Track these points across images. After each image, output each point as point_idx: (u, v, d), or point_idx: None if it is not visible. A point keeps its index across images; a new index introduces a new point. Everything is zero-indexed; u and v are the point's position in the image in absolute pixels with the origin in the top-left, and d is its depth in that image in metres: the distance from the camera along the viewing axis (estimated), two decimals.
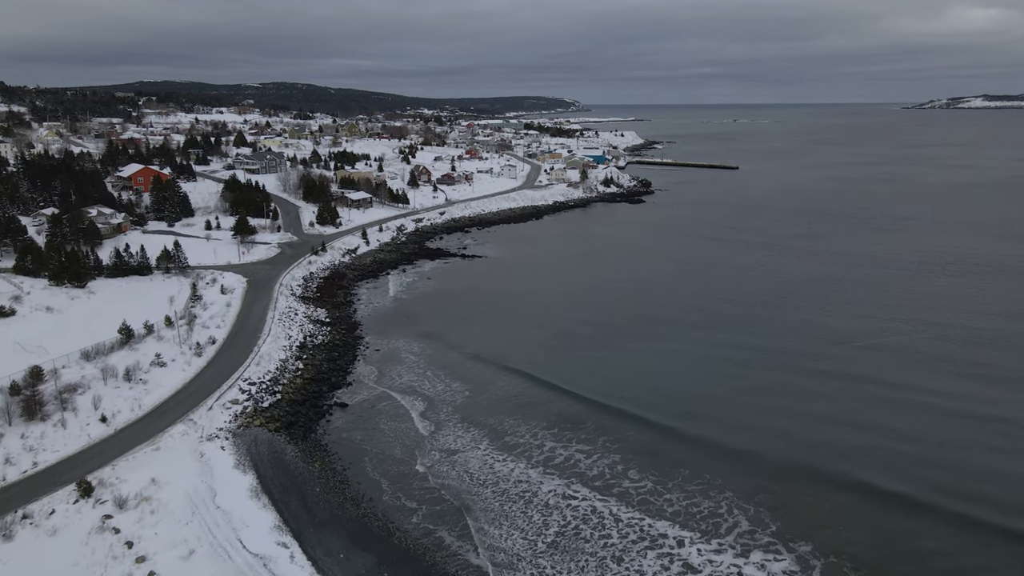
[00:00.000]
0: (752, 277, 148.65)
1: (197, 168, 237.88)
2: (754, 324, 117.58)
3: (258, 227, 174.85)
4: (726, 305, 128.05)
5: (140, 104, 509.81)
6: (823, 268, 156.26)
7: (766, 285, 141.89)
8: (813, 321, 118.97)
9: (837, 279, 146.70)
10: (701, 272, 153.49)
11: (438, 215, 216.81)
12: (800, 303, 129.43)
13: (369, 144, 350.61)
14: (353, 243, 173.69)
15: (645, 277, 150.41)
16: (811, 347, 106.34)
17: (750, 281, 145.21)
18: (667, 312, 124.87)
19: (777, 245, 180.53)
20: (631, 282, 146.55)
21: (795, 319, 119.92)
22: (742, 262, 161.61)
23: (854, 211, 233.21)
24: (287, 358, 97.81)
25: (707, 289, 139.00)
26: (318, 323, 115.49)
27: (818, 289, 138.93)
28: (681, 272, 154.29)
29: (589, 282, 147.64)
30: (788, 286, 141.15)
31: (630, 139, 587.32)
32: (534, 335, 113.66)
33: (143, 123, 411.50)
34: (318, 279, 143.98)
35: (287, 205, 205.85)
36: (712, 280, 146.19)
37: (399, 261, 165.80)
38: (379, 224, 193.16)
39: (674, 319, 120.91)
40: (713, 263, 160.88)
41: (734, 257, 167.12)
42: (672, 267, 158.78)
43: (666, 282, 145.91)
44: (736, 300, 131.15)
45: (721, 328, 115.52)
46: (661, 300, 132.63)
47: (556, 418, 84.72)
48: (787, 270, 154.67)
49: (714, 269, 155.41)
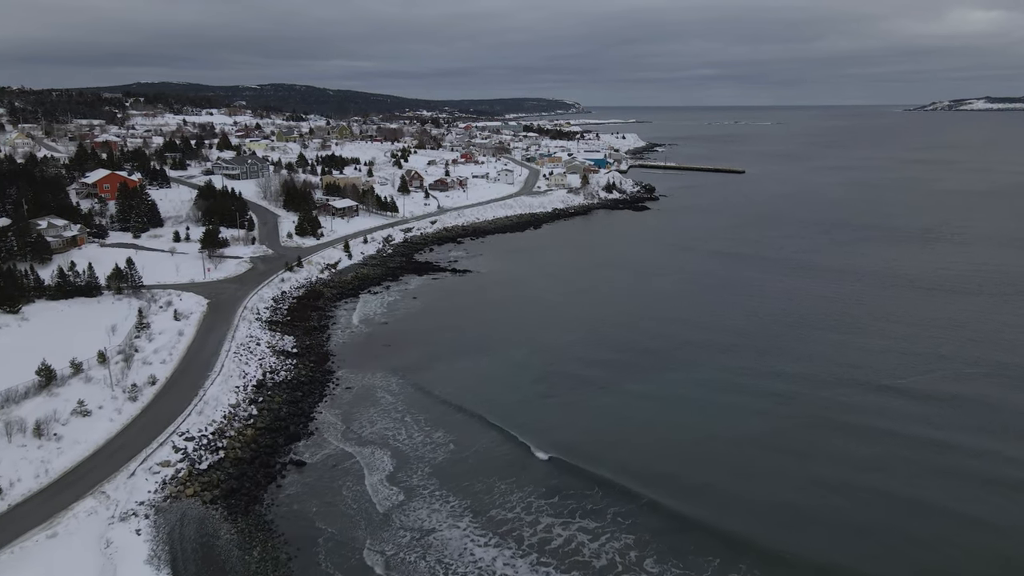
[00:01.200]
0: (769, 299, 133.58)
1: (173, 173, 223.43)
2: (774, 358, 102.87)
3: (231, 239, 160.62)
4: (741, 335, 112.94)
5: (127, 105, 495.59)
6: (847, 288, 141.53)
7: (785, 309, 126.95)
8: (844, 354, 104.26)
9: (865, 301, 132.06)
10: (711, 293, 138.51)
11: (429, 224, 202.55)
12: (825, 331, 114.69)
13: (360, 147, 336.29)
14: (334, 256, 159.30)
15: (650, 299, 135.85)
16: (845, 391, 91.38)
17: (766, 304, 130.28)
18: (675, 344, 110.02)
19: (793, 260, 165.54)
20: (635, 305, 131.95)
21: (821, 352, 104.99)
22: (757, 281, 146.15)
23: (875, 220, 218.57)
24: (239, 402, 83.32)
25: (718, 314, 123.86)
26: (283, 355, 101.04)
27: (844, 313, 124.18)
28: (689, 294, 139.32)
29: (590, 304, 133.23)
30: (809, 310, 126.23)
31: (632, 141, 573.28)
32: (529, 372, 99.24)
33: (126, 125, 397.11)
34: (290, 299, 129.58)
35: (266, 214, 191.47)
36: (723, 303, 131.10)
37: (383, 277, 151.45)
38: (364, 235, 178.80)
39: (683, 353, 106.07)
40: (724, 282, 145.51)
41: (747, 275, 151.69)
42: (679, 287, 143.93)
43: (673, 305, 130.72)
44: (752, 328, 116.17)
45: (736, 364, 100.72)
46: (668, 329, 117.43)
47: (555, 484, 70.17)
48: (807, 291, 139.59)
49: (725, 290, 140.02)
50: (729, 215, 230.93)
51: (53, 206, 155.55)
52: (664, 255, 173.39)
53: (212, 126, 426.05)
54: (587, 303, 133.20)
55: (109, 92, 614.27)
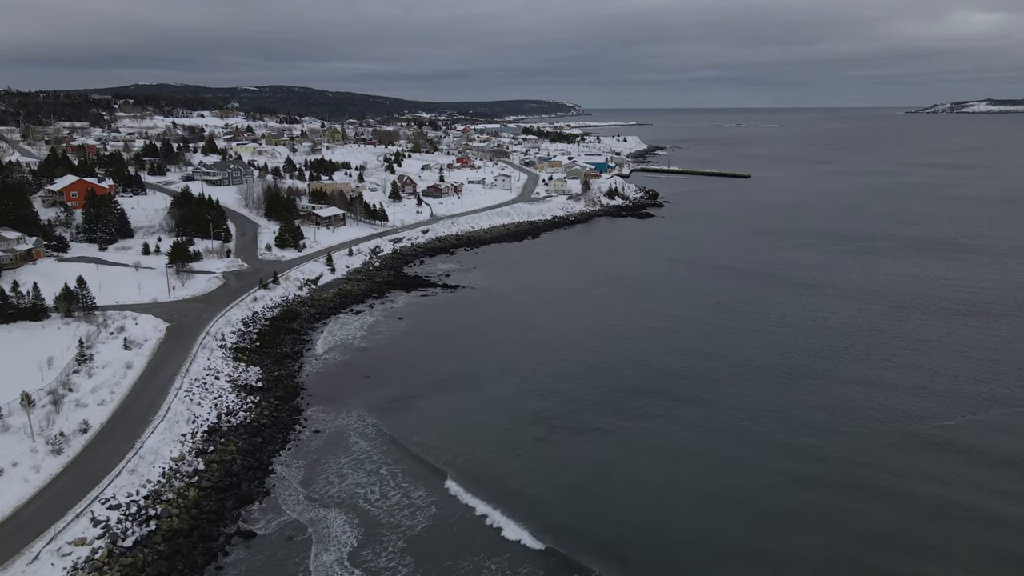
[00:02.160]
0: (785, 324, 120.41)
1: (151, 179, 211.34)
2: (796, 399, 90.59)
3: (204, 252, 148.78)
4: (756, 370, 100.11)
5: (116, 107, 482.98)
6: (871, 309, 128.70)
7: (804, 337, 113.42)
8: (875, 394, 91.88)
9: (892, 325, 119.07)
10: (722, 317, 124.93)
11: (420, 233, 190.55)
12: (852, 364, 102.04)
13: (352, 151, 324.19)
14: (315, 271, 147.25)
15: (654, 324, 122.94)
16: (883, 444, 78.56)
17: (783, 331, 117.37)
18: (683, 379, 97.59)
19: (808, 278, 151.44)
20: (638, 330, 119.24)
21: (850, 392, 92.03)
22: (771, 303, 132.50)
23: (893, 230, 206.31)
24: (183, 454, 71.22)
25: (730, 344, 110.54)
26: (245, 390, 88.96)
27: (871, 341, 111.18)
28: (697, 318, 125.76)
29: (589, 328, 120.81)
30: (831, 338, 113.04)
31: (633, 144, 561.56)
32: (524, 411, 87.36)
33: (112, 128, 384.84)
34: (262, 321, 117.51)
35: (245, 224, 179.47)
36: (735, 329, 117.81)
37: (368, 294, 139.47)
38: (350, 246, 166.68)
39: (692, 391, 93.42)
40: (735, 304, 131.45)
41: (760, 295, 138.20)
42: (687, 310, 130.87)
43: (680, 332, 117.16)
44: (768, 361, 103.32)
45: (752, 406, 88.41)
46: (675, 361, 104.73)
47: (551, 569, 58.17)
48: (826, 313, 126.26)
49: (737, 313, 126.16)
50: (737, 223, 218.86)
51: (11, 216, 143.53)
52: (669, 271, 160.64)
53: (202, 128, 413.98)
54: (586, 327, 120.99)
55: (107, 94, 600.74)
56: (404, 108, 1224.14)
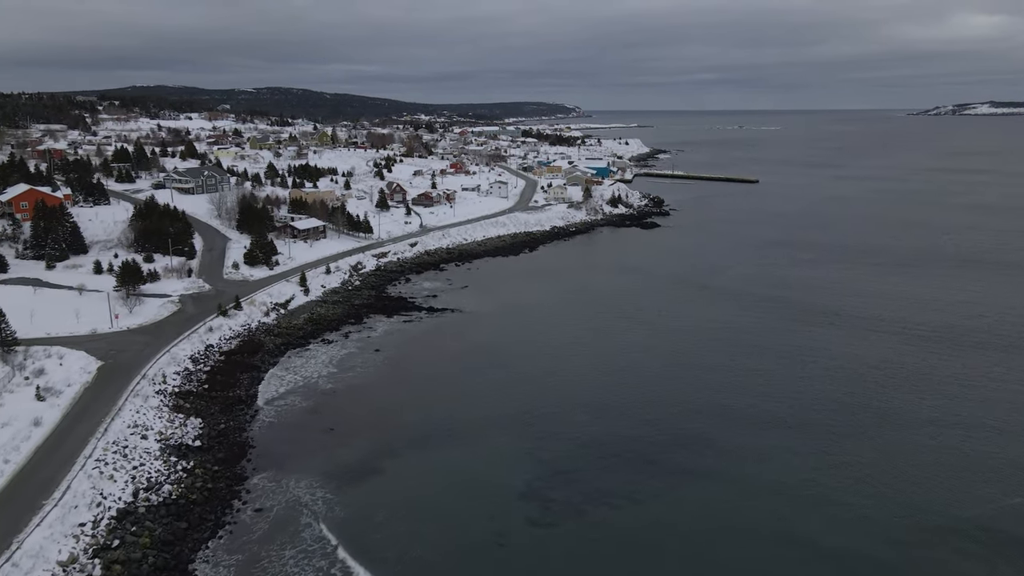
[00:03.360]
0: (815, 367, 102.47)
1: (118, 187, 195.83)
2: (837, 472, 75.11)
3: (163, 271, 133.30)
4: (783, 429, 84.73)
5: (100, 109, 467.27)
6: (914, 349, 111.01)
7: (837, 384, 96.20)
8: (936, 468, 76.70)
9: (945, 372, 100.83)
10: (741, 357, 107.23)
11: (408, 247, 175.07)
12: (902, 429, 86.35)
13: (341, 156, 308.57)
14: (285, 293, 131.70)
15: (664, 361, 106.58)
16: (957, 536, 63.92)
17: (811, 376, 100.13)
18: (700, 438, 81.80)
19: (835, 306, 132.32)
20: (645, 372, 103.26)
21: (904, 466, 76.50)
22: (796, 339, 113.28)
23: (920, 243, 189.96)
24: (75, 556, 55.65)
25: (752, 392, 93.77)
26: (177, 453, 73.36)
27: (919, 394, 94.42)
28: (714, 358, 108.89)
29: (591, 367, 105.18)
30: (873, 387, 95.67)
31: (635, 147, 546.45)
32: (516, 480, 71.90)
33: (92, 130, 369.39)
34: (216, 356, 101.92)
35: (215, 237, 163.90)
36: (757, 373, 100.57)
37: (343, 319, 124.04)
38: (328, 263, 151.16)
39: (711, 457, 78.02)
40: (756, 340, 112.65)
41: (781, 328, 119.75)
42: (700, 345, 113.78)
43: (693, 374, 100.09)
44: (798, 416, 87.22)
45: (786, 478, 72.92)
46: (691, 414, 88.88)
47: None
48: (861, 354, 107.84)
49: (757, 352, 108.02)
50: (748, 235, 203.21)
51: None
52: (678, 296, 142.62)
53: (187, 131, 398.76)
54: (587, 363, 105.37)
55: (105, 96, 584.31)
56: (403, 110, 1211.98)
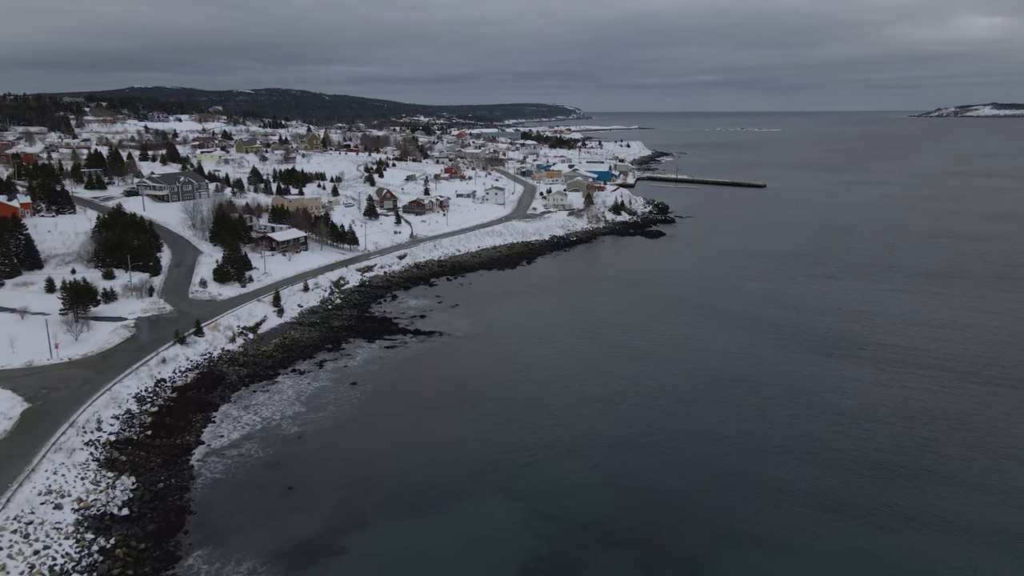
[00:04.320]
0: (852, 417, 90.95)
1: (87, 194, 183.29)
2: (892, 554, 62.96)
3: (122, 289, 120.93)
4: (823, 499, 72.92)
5: (88, 111, 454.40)
6: (972, 394, 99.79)
7: (883, 439, 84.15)
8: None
9: (1009, 425, 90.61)
10: (758, 399, 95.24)
11: (396, 259, 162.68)
12: (963, 497, 74.53)
13: (331, 159, 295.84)
14: (256, 314, 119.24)
15: (672, 405, 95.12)
16: None
17: (836, 429, 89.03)
18: (715, 506, 70.00)
19: (867, 337, 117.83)
20: (651, 417, 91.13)
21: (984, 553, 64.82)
22: (821, 377, 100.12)
23: (954, 260, 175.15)
24: None
25: (770, 448, 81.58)
26: (97, 527, 60.92)
27: (991, 458, 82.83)
28: (727, 399, 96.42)
29: (592, 408, 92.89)
30: (919, 444, 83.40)
31: (637, 150, 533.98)
32: (509, 560, 59.30)
33: (75, 133, 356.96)
34: (166, 394, 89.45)
35: (185, 250, 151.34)
36: (782, 422, 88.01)
37: (319, 344, 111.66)
38: (307, 278, 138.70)
39: (730, 527, 66.11)
40: (774, 379, 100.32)
41: (805, 362, 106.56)
42: (711, 386, 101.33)
43: (704, 423, 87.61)
44: (837, 483, 75.51)
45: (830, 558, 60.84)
46: (701, 474, 77.20)
47: None
48: (901, 397, 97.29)
49: (776, 395, 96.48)
50: (758, 246, 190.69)
51: None
52: (685, 319, 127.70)
53: (175, 133, 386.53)
54: (587, 403, 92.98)
55: (103, 97, 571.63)
56: (402, 111, 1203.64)
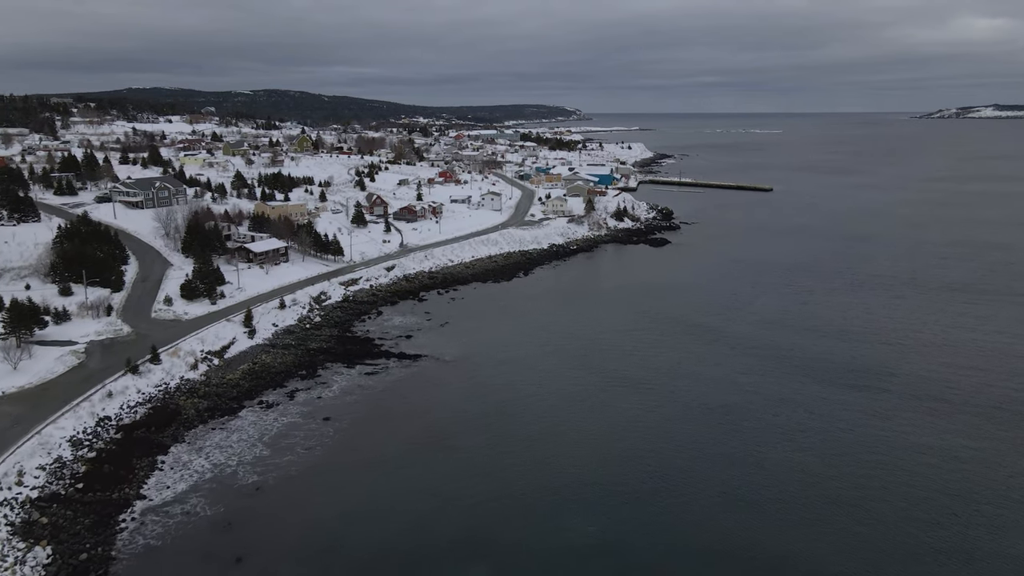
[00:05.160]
0: (871, 480, 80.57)
1: (56, 200, 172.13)
2: None
3: (78, 308, 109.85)
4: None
5: (76, 112, 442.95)
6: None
7: (919, 514, 74.09)
8: None
9: None
10: (773, 453, 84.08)
11: (384, 271, 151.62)
12: None
13: (321, 163, 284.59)
14: (224, 336, 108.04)
15: (680, 456, 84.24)
16: None
17: (868, 495, 78.10)
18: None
19: (890, 367, 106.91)
20: (659, 473, 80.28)
21: None
22: (844, 423, 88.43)
23: (998, 271, 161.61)
24: None
25: (789, 514, 71.85)
26: None
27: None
28: (745, 451, 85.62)
29: (587, 456, 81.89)
30: (970, 521, 72.95)
31: (639, 152, 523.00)
32: None
33: (58, 135, 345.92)
34: (109, 435, 78.31)
35: (154, 262, 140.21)
36: (791, 488, 78.34)
37: (292, 371, 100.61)
38: (284, 294, 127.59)
39: None
40: (793, 426, 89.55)
41: (826, 406, 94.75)
42: (714, 429, 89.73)
43: (706, 480, 76.65)
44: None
45: None
46: (720, 551, 66.30)
47: None
48: (958, 461, 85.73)
49: (796, 446, 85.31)
50: (769, 256, 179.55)
51: None
52: (690, 346, 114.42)
53: (163, 135, 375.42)
54: (582, 454, 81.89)
55: (100, 98, 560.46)
56: (401, 113, 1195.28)
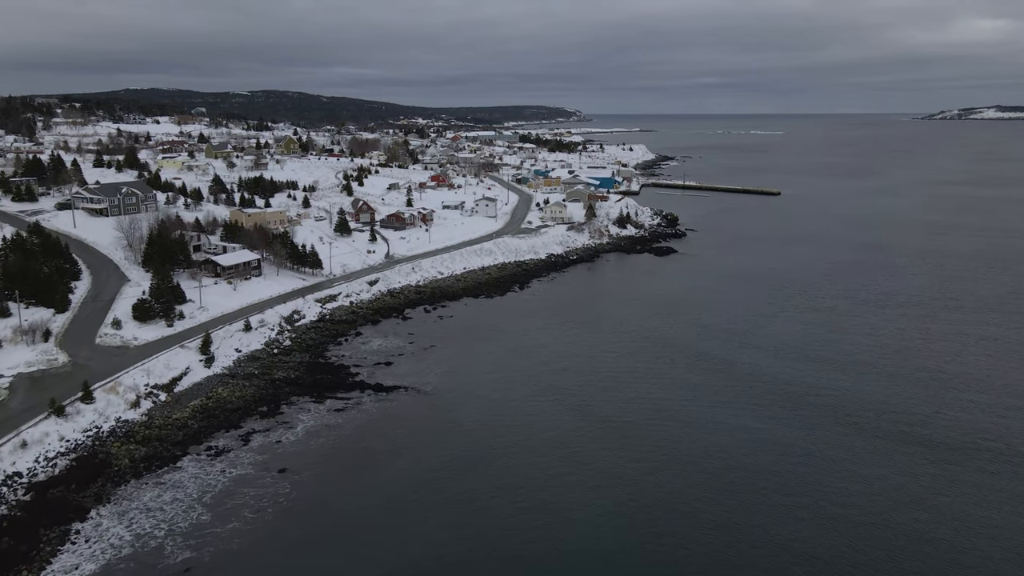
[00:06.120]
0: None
1: (13, 207, 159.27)
2: None
3: (13, 332, 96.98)
4: None
5: (59, 113, 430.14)
6: None
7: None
8: None
9: None
10: (794, 527, 72.83)
11: (366, 285, 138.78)
12: None
13: (308, 166, 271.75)
14: (176, 365, 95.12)
15: (692, 527, 71.53)
16: None
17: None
18: None
19: (927, 414, 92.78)
20: (658, 538, 67.66)
21: None
22: (875, 485, 76.43)
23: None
24: None
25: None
26: None
27: None
28: (770, 519, 74.30)
29: (585, 526, 69.08)
30: None
31: (640, 154, 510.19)
32: None
33: (36, 137, 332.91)
34: (15, 497, 65.39)
35: (110, 278, 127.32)
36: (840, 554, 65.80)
37: (251, 407, 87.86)
38: (250, 315, 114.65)
39: None
40: (818, 489, 75.50)
41: (851, 465, 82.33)
42: (726, 494, 78.20)
43: (719, 557, 65.02)
44: None
45: None
46: None
47: None
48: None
49: (821, 518, 73.30)
50: (783, 267, 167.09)
51: None
52: (698, 385, 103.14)
53: (148, 136, 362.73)
54: (579, 513, 69.10)
55: (98, 98, 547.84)
56: (400, 114, 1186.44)
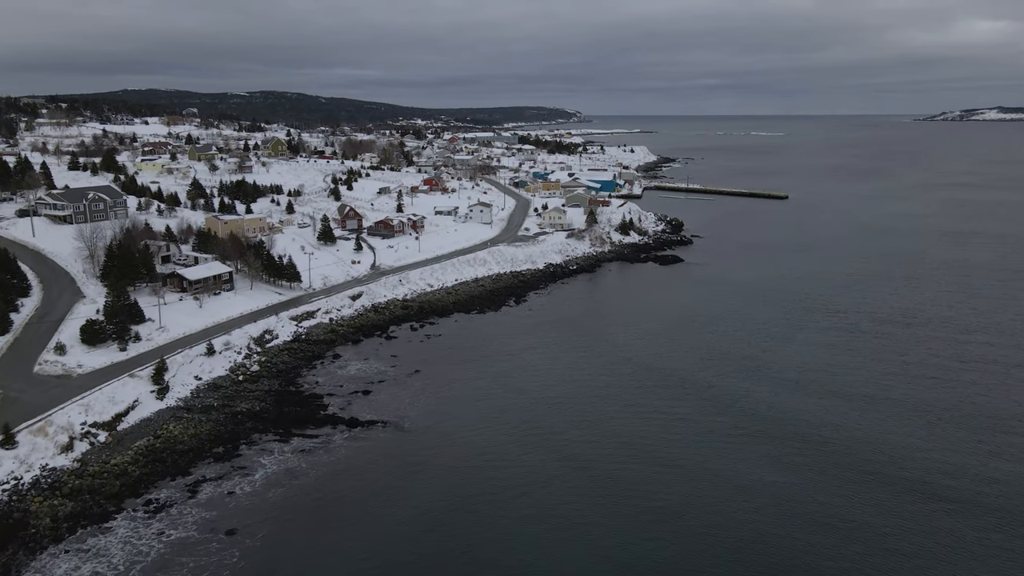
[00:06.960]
0: None
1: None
2: None
3: None
4: None
5: (44, 113, 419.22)
6: None
7: None
8: None
9: None
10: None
11: (349, 299, 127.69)
12: None
13: (295, 168, 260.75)
14: (123, 398, 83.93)
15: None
16: None
17: None
18: None
19: (980, 472, 73.73)
20: None
21: None
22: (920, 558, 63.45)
23: None
24: None
25: None
26: None
27: None
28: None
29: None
30: None
31: (642, 156, 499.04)
32: None
33: (16, 138, 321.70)
34: None
35: (64, 292, 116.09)
36: None
37: (203, 449, 76.76)
38: (215, 336, 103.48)
39: None
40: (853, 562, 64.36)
41: (887, 531, 70.33)
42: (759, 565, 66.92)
43: None
44: None
45: None
46: None
47: None
48: None
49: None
50: (796, 278, 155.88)
51: None
52: (707, 430, 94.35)
53: (134, 137, 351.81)
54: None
55: (96, 99, 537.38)
56: (399, 115, 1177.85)
